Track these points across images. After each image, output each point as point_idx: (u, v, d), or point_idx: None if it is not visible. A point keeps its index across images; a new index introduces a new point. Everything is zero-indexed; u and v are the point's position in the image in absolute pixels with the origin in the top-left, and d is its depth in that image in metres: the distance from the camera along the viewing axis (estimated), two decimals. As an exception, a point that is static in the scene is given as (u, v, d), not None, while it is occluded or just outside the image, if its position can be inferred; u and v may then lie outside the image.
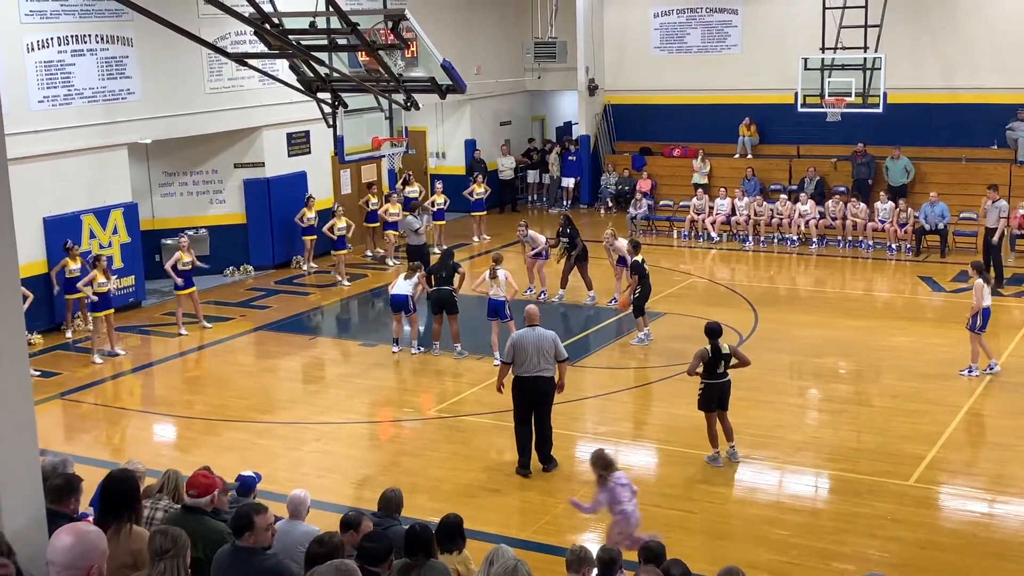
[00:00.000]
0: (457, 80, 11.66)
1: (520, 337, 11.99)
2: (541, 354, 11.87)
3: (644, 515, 11.00)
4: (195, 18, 19.08)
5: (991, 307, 15.04)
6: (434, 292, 16.41)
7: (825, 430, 13.47)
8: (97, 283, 16.64)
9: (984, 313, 14.83)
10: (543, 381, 11.97)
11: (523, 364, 11.90)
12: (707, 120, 27.34)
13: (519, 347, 11.90)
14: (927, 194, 23.00)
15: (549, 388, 12.05)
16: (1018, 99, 24.08)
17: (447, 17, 25.60)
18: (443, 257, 16.97)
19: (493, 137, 29.00)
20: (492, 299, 16.11)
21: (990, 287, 15.17)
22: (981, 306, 14.79)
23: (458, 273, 16.73)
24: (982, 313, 14.82)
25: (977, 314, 14.84)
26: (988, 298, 14.89)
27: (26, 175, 16.73)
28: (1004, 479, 11.91)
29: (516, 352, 11.92)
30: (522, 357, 11.89)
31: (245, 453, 12.83)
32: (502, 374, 12.29)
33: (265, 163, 22.17)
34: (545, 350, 11.89)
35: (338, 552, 6.26)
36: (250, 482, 8.65)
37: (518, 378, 12.01)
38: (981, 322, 14.85)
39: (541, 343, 11.89)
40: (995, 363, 15.08)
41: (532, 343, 11.87)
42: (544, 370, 11.93)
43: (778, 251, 23.59)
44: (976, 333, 14.90)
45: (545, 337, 11.96)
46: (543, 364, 11.90)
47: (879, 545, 10.36)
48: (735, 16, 27.26)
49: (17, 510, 5.37)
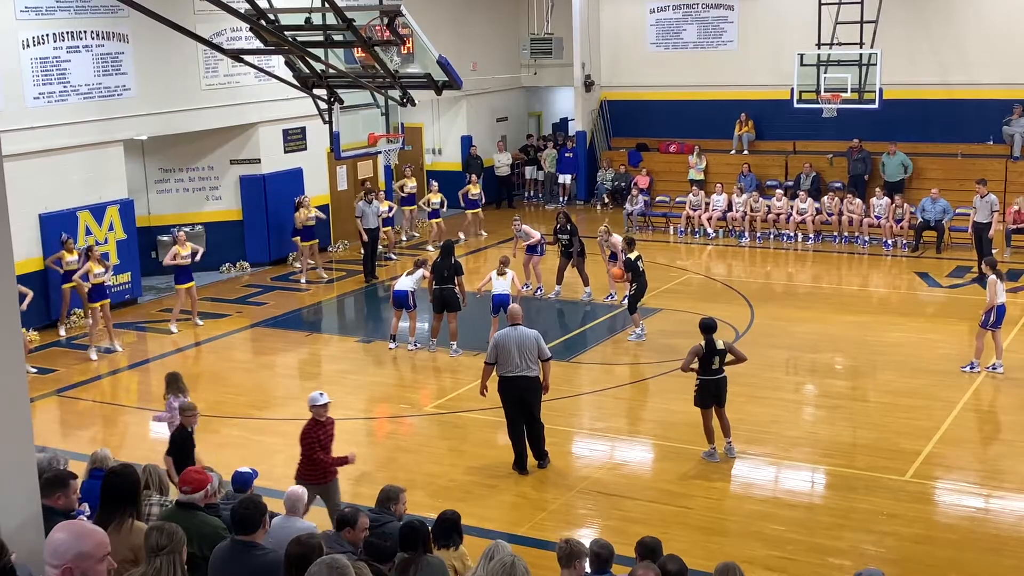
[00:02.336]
0: (453, 76, 11.67)
1: (502, 337, 11.94)
2: (524, 353, 11.82)
3: (641, 511, 11.05)
4: (191, 14, 19.05)
5: (1006, 304, 14.85)
6: (437, 290, 16.39)
7: (821, 425, 13.49)
8: (93, 274, 16.67)
9: (999, 310, 14.65)
10: (528, 380, 11.91)
11: (506, 364, 11.85)
12: (703, 116, 27.33)
13: (502, 347, 11.85)
14: (923, 190, 23.02)
15: (534, 387, 11.98)
16: (1014, 95, 24.09)
17: (443, 13, 25.57)
18: (444, 253, 16.92)
19: (489, 133, 28.99)
20: (498, 295, 16.18)
21: (1003, 283, 14.94)
22: (996, 302, 14.60)
23: (458, 279, 16.52)
24: (996, 310, 14.65)
25: (991, 310, 14.67)
26: (1003, 294, 14.72)
27: (22, 172, 16.70)
28: (1000, 474, 11.93)
29: (499, 352, 11.87)
30: (505, 357, 11.84)
31: (242, 449, 12.83)
32: (485, 375, 12.23)
33: (261, 159, 22.15)
34: (528, 349, 11.84)
35: (316, 552, 6.19)
36: (247, 478, 8.65)
37: (503, 378, 11.96)
38: (995, 318, 14.68)
39: (523, 342, 11.85)
40: (999, 364, 14.94)
41: (514, 342, 11.83)
42: (528, 369, 11.87)
43: (774, 247, 23.61)
44: (989, 329, 14.74)
45: (527, 336, 11.91)
46: (526, 363, 11.85)
47: (875, 540, 10.38)
48: (731, 12, 27.25)
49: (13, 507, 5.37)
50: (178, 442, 10.59)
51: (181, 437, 10.61)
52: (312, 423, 10.25)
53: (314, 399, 10.28)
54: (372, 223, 21.34)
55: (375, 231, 21.47)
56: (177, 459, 10.31)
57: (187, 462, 9.84)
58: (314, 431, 10.21)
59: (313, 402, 10.27)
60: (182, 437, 10.61)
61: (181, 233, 18.50)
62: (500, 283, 16.34)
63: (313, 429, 10.22)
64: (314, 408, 10.24)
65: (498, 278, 16.37)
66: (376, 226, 21.48)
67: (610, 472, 12.27)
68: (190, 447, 10.55)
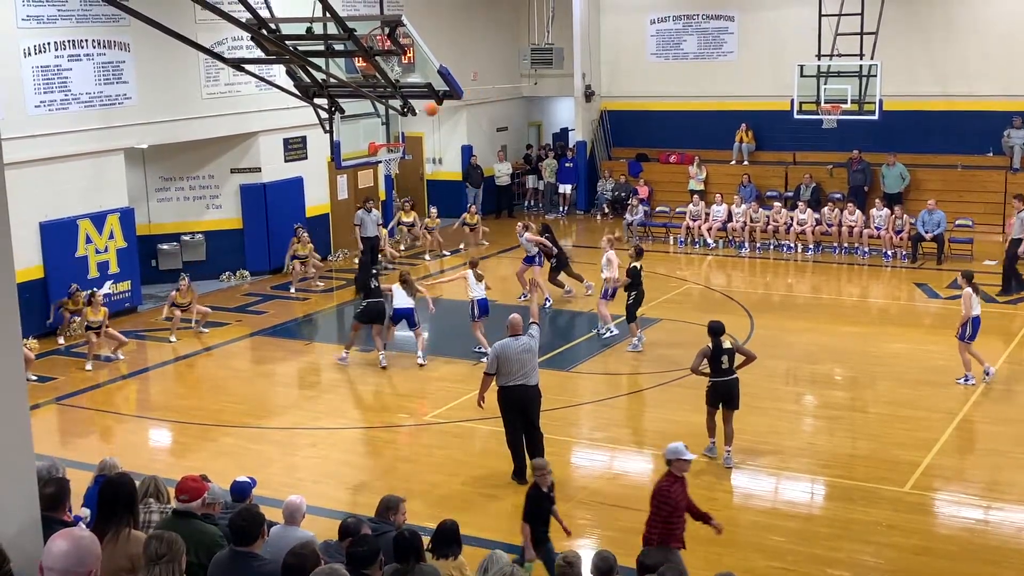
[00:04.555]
0: (454, 86, 11.68)
1: (504, 347, 11.88)
2: (525, 363, 11.81)
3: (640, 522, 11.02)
4: (192, 23, 19.07)
5: (981, 316, 14.91)
6: (371, 304, 16.38)
7: (820, 436, 13.49)
8: (88, 320, 17.03)
9: (974, 322, 14.71)
10: (528, 389, 11.88)
11: (508, 374, 11.81)
12: (703, 126, 27.38)
13: (503, 357, 11.79)
14: (922, 201, 23.04)
15: (535, 396, 11.97)
16: (1014, 106, 24.13)
17: (444, 23, 25.62)
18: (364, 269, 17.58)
19: (490, 143, 29.01)
20: (481, 300, 16.37)
21: (979, 296, 15.03)
22: (971, 315, 14.67)
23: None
24: (971, 322, 14.71)
25: (967, 323, 14.74)
26: (977, 307, 14.78)
27: (23, 179, 16.70)
28: (999, 485, 11.93)
29: (500, 362, 11.81)
30: (506, 367, 11.79)
31: (240, 458, 12.82)
32: (485, 386, 12.16)
33: (262, 168, 22.18)
34: (529, 359, 11.84)
35: (313, 562, 6.18)
36: (245, 487, 8.64)
37: (504, 388, 11.91)
38: (971, 331, 14.73)
39: (525, 352, 11.84)
40: (990, 368, 15.04)
41: (515, 352, 11.80)
42: (528, 378, 11.86)
43: (774, 257, 23.62)
44: (965, 343, 14.79)
45: (529, 346, 11.90)
46: (527, 372, 11.84)
47: (874, 551, 10.37)
48: (731, 23, 27.31)
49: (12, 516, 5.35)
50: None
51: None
52: (669, 479, 9.03)
53: (678, 451, 8.99)
54: (371, 232, 21.36)
55: (374, 240, 21.47)
56: None
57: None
58: (670, 490, 8.93)
59: (677, 455, 9.01)
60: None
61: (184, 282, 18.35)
62: (477, 290, 16.43)
63: (670, 487, 8.96)
64: (676, 463, 9.03)
65: (476, 284, 16.44)
66: (375, 235, 21.49)
67: (610, 482, 12.27)
68: None
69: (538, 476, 9.72)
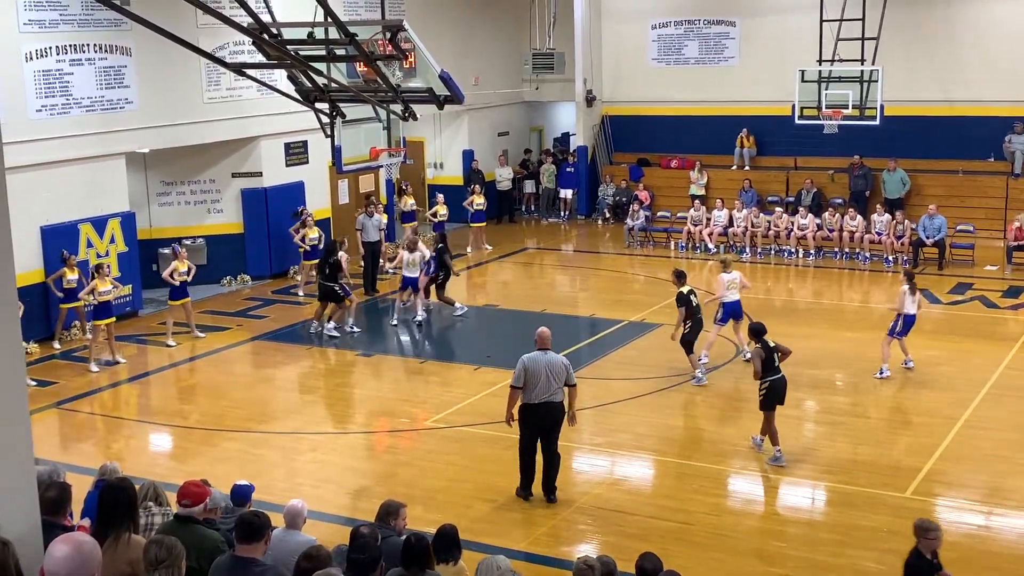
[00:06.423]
0: (455, 91, 11.69)
1: (532, 361, 11.44)
2: (552, 379, 11.41)
3: (641, 527, 11.02)
4: (193, 28, 19.10)
5: (916, 315, 15.56)
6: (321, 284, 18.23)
7: (822, 442, 13.46)
8: (98, 292, 16.66)
9: (906, 319, 15.43)
10: (553, 407, 11.51)
11: (534, 389, 11.38)
12: (705, 131, 27.38)
13: (531, 371, 11.37)
14: (923, 206, 23.04)
15: (559, 414, 11.56)
16: (1015, 112, 24.13)
17: (445, 28, 25.65)
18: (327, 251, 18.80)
19: (491, 148, 29.02)
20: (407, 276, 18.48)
21: (917, 296, 15.59)
22: (902, 312, 15.41)
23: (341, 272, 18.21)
24: (903, 319, 15.41)
25: (898, 319, 15.45)
26: (912, 306, 15.43)
27: (24, 184, 16.71)
28: (1001, 492, 11.90)
29: (528, 376, 11.38)
30: (534, 382, 11.36)
31: (241, 463, 12.80)
32: (512, 400, 11.69)
33: (263, 173, 22.17)
34: (556, 375, 11.42)
35: (327, 564, 6.20)
36: (245, 491, 8.63)
37: (526, 405, 11.48)
38: (901, 327, 15.48)
39: (552, 368, 11.43)
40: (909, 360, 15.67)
41: (544, 367, 11.41)
42: (554, 395, 11.47)
43: (775, 263, 23.61)
44: (896, 337, 15.50)
45: (556, 362, 11.48)
46: (553, 389, 11.43)
47: (876, 557, 10.34)
48: (733, 28, 27.33)
49: (13, 520, 5.35)
50: None
51: None
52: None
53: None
54: (373, 236, 21.35)
55: (376, 244, 21.46)
56: None
57: None
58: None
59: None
60: None
61: (183, 249, 18.48)
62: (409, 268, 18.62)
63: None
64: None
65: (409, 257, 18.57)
66: (377, 239, 21.48)
67: (610, 488, 12.25)
68: None
69: (925, 540, 8.16)
